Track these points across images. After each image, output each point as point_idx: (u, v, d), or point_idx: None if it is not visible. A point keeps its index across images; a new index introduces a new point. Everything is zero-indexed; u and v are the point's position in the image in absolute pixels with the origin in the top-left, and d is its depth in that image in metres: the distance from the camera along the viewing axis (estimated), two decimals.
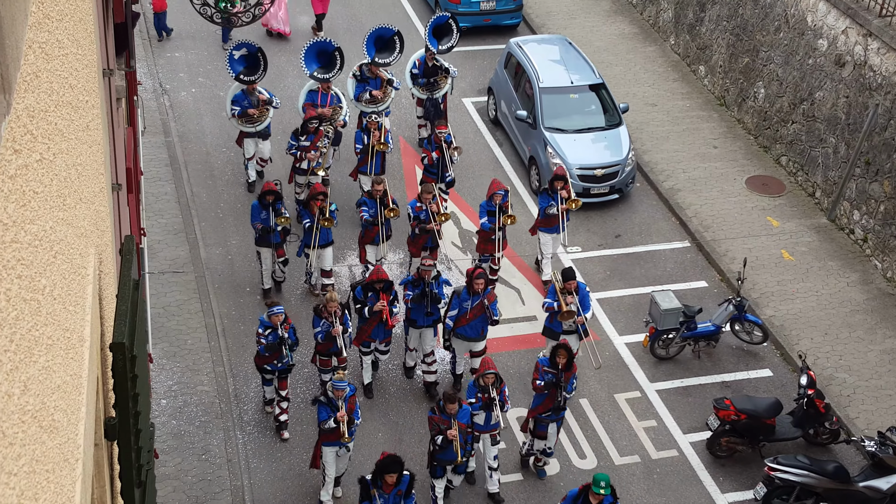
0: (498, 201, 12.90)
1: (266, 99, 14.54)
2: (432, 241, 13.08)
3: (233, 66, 14.37)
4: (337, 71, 14.71)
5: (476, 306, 11.62)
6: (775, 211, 15.71)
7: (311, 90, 14.78)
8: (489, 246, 13.34)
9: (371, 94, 14.95)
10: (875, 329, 13.53)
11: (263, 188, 12.71)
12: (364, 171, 14.26)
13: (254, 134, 14.67)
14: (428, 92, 15.62)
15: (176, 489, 11.05)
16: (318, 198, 12.56)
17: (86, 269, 3.82)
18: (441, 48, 15.67)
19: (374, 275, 11.64)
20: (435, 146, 14.07)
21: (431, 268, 11.70)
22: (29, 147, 2.76)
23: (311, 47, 14.73)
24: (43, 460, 2.70)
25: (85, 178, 4.01)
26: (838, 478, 10.77)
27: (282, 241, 12.94)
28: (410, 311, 11.88)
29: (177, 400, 12.15)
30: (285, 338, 11.08)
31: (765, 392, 12.60)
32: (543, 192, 13.43)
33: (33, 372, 2.64)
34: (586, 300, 11.94)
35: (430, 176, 14.27)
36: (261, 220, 12.66)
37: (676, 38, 19.76)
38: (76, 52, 4.03)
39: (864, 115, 14.68)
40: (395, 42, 15.10)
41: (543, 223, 13.48)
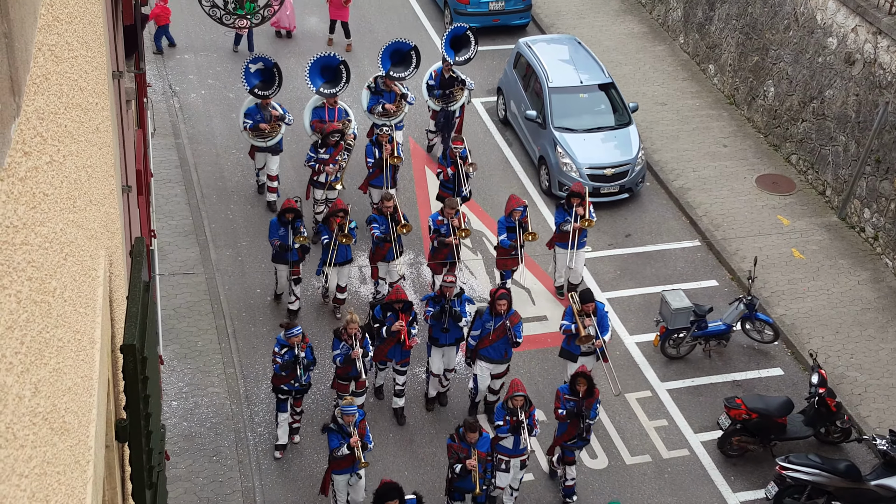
0: (517, 217, 12.67)
1: (279, 115, 14.32)
2: (452, 257, 12.78)
3: (248, 80, 14.17)
4: (343, 85, 14.47)
5: (499, 328, 11.36)
6: (786, 209, 15.64)
7: (317, 106, 14.54)
8: (509, 262, 13.03)
9: (384, 107, 14.77)
10: (886, 327, 13.46)
11: (283, 205, 12.52)
12: (376, 185, 14.05)
13: (264, 149, 14.47)
14: (443, 103, 15.40)
15: (187, 491, 11.07)
16: (339, 214, 12.33)
17: (96, 272, 3.83)
18: (458, 59, 15.46)
19: (394, 294, 11.47)
20: (450, 161, 13.88)
21: (453, 285, 11.47)
22: (39, 149, 2.77)
23: (315, 63, 14.48)
24: (54, 462, 2.71)
25: (95, 181, 4.02)
26: (850, 476, 10.72)
27: (299, 260, 12.69)
28: (431, 328, 11.67)
29: (188, 401, 12.18)
30: (301, 357, 10.89)
31: (776, 391, 12.55)
32: (560, 207, 13.27)
33: (44, 374, 2.65)
34: (605, 321, 11.58)
35: (445, 191, 14.02)
36: (279, 236, 12.45)
37: (686, 37, 19.70)
38: (86, 54, 4.04)
39: (874, 112, 14.60)
40: (412, 57, 14.85)
41: (559, 238, 13.29)
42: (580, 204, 12.92)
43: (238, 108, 17.28)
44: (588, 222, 12.97)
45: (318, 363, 11.72)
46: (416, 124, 17.48)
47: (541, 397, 12.47)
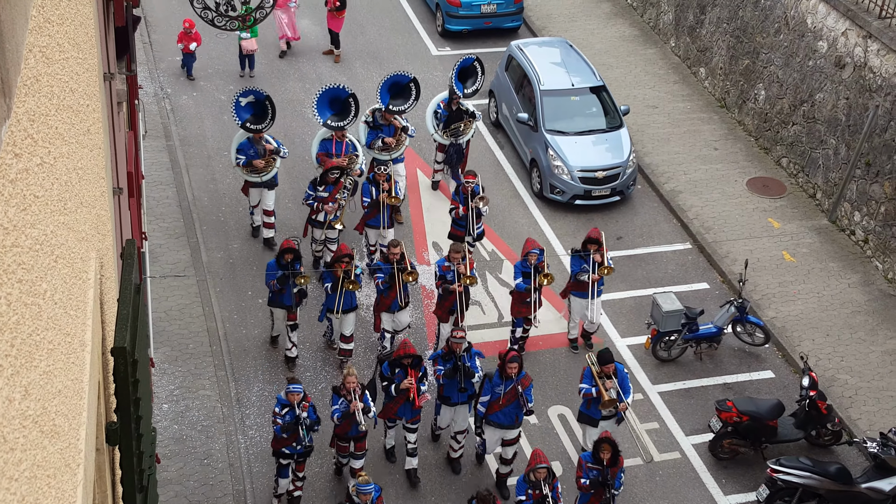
0: (533, 261, 12.00)
1: (273, 148, 13.73)
2: (457, 306, 12.18)
3: (239, 114, 13.58)
4: (352, 118, 13.94)
5: (509, 391, 10.71)
6: (776, 212, 15.70)
7: (325, 139, 13.99)
8: (524, 308, 12.34)
9: (384, 141, 14.21)
10: (876, 330, 13.52)
11: (282, 246, 11.93)
12: (372, 225, 13.49)
13: (259, 184, 13.88)
14: (452, 137, 14.86)
15: (178, 494, 11.03)
16: (343, 260, 11.74)
17: (87, 274, 3.81)
18: (467, 91, 14.90)
19: (402, 349, 10.81)
20: (463, 198, 13.20)
21: (462, 340, 10.89)
22: (30, 151, 2.76)
23: (323, 94, 13.95)
24: (44, 465, 2.70)
25: (86, 182, 4.00)
26: (840, 479, 10.75)
27: (295, 304, 12.13)
28: (443, 387, 11.06)
29: (178, 404, 12.14)
30: (303, 418, 10.29)
31: (767, 394, 12.59)
32: (575, 255, 12.47)
33: (34, 377, 2.63)
34: (626, 382, 10.95)
35: (458, 229, 13.42)
36: (276, 278, 11.83)
37: (677, 41, 19.76)
38: (77, 55, 4.03)
39: (865, 116, 14.68)
40: (411, 89, 14.34)
41: (575, 287, 12.53)
42: (597, 251, 12.20)
43: (229, 111, 17.28)
44: (607, 270, 12.22)
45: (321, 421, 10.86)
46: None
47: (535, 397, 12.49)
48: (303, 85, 18.43)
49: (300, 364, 12.75)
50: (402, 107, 14.28)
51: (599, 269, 12.23)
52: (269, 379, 12.62)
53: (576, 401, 12.54)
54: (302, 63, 19.03)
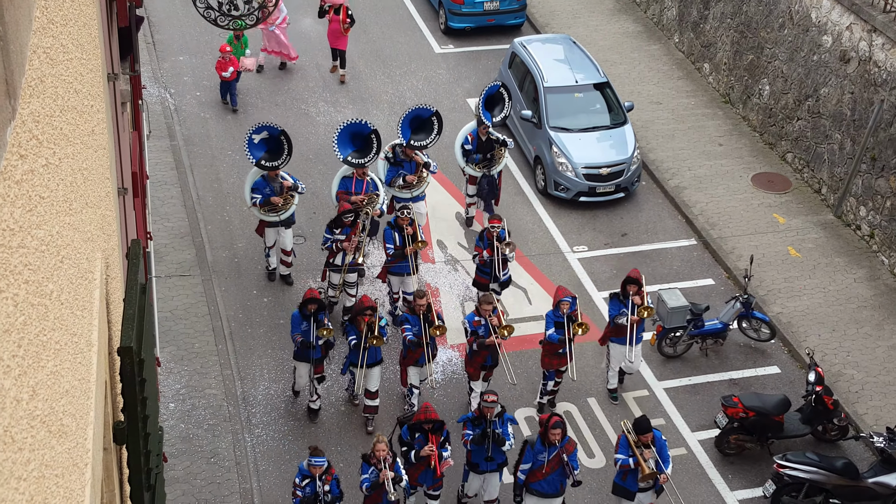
0: (566, 310, 11.32)
1: (291, 185, 13.05)
2: (492, 360, 11.56)
3: (252, 152, 12.85)
4: (374, 155, 13.21)
5: (553, 459, 10.06)
6: (781, 208, 15.67)
7: (345, 176, 13.28)
8: (556, 360, 11.63)
9: (405, 179, 13.57)
10: (883, 325, 13.49)
11: (305, 296, 11.33)
12: (396, 272, 12.76)
13: (276, 223, 13.19)
14: (485, 169, 14.20)
15: (185, 493, 11.06)
16: (366, 312, 11.16)
17: (93, 274, 3.82)
18: (495, 120, 14.22)
19: (423, 414, 10.21)
20: (487, 243, 12.48)
21: (494, 405, 10.23)
22: (35, 152, 2.77)
23: (344, 130, 13.20)
24: (52, 465, 2.71)
25: (91, 183, 4.01)
26: (847, 474, 10.74)
27: (322, 357, 11.55)
28: (471, 453, 10.42)
29: (185, 403, 12.17)
30: (323, 492, 9.71)
31: (773, 389, 12.57)
32: (614, 298, 11.74)
33: (41, 377, 2.64)
34: (664, 451, 10.23)
35: (482, 276, 12.79)
36: (301, 331, 11.25)
37: (680, 36, 19.72)
38: (80, 56, 4.04)
39: (870, 110, 14.64)
40: (433, 123, 13.65)
41: (613, 332, 11.79)
42: (637, 292, 11.50)
43: (231, 111, 17.31)
44: (648, 311, 11.48)
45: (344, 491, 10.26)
46: None
47: (536, 395, 12.49)
48: (304, 108, 18.42)
49: (323, 421, 12.06)
50: (424, 141, 13.61)
51: (639, 310, 11.47)
52: (274, 378, 12.65)
53: (580, 398, 12.55)
54: (303, 83, 19.01)
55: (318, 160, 16.44)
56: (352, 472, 11.11)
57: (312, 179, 16.02)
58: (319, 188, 15.71)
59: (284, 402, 12.33)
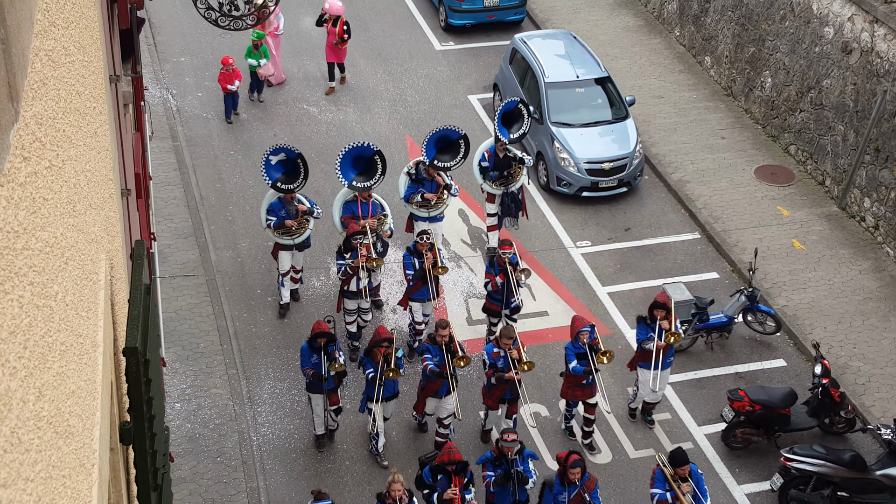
0: (586, 340, 10.96)
1: (307, 209, 12.77)
2: (511, 393, 11.16)
3: (269, 173, 12.51)
4: (379, 177, 12.76)
5: (574, 498, 9.78)
6: (785, 200, 15.64)
7: (349, 200, 12.84)
8: (578, 392, 11.30)
9: (423, 196, 13.17)
10: (888, 316, 13.46)
11: (313, 329, 10.90)
12: (418, 299, 12.31)
13: (291, 246, 12.93)
14: (503, 186, 13.78)
15: (192, 492, 11.09)
16: (383, 344, 10.75)
17: (97, 275, 3.83)
18: (513, 137, 13.76)
19: (446, 455, 9.86)
20: (499, 269, 12.05)
21: (514, 443, 9.90)
22: (38, 154, 2.77)
23: (346, 154, 12.74)
24: (59, 466, 2.71)
25: (94, 184, 4.02)
26: (855, 466, 10.72)
27: (336, 387, 11.19)
28: (493, 495, 10.12)
29: (191, 403, 12.19)
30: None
31: (779, 382, 12.56)
32: (641, 322, 11.45)
33: (48, 378, 2.65)
34: (702, 484, 9.92)
35: (493, 302, 12.38)
36: (311, 365, 10.94)
37: (681, 30, 19.69)
38: (82, 58, 4.04)
39: (873, 101, 14.60)
40: (460, 146, 13.18)
41: (641, 357, 11.54)
42: (665, 317, 11.20)
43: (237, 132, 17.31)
44: (675, 337, 11.18)
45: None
46: (412, 121, 17.48)
47: (543, 392, 12.49)
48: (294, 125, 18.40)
49: (333, 455, 11.61)
50: (448, 163, 13.16)
51: (666, 336, 11.17)
52: (279, 377, 12.67)
53: None
54: (304, 81, 19.00)
55: (321, 158, 16.44)
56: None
57: (315, 177, 16.01)
58: (322, 186, 15.72)
59: (290, 401, 12.35)
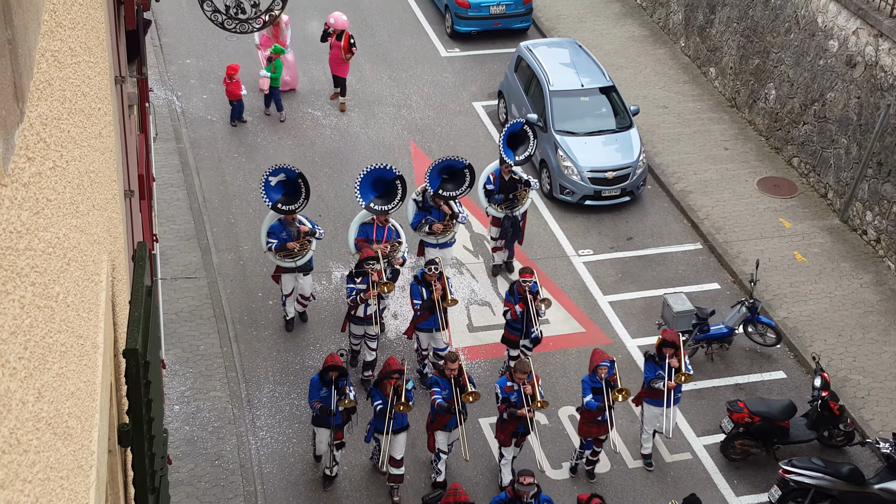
0: (603, 375, 10.68)
1: (308, 230, 12.45)
2: (524, 428, 10.86)
3: (269, 194, 12.18)
4: (398, 202, 12.45)
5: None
6: (787, 212, 15.64)
7: (365, 223, 12.60)
8: (594, 428, 11.02)
9: (432, 227, 12.98)
10: (889, 330, 13.45)
11: (326, 362, 10.60)
12: (424, 328, 12.05)
13: (293, 269, 12.64)
14: (507, 210, 13.54)
15: (189, 495, 11.07)
16: (393, 376, 10.45)
17: (99, 276, 3.83)
18: (518, 159, 13.59)
19: (452, 496, 9.74)
20: (518, 297, 11.75)
21: (531, 487, 9.67)
22: (42, 155, 2.78)
23: (367, 175, 12.43)
24: (57, 467, 2.71)
25: (98, 185, 4.02)
26: (853, 480, 10.70)
27: (343, 423, 10.85)
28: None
29: (190, 405, 12.18)
30: None
31: (779, 394, 12.54)
32: (649, 360, 11.22)
33: (47, 379, 2.65)
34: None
35: (512, 332, 12.10)
36: (320, 398, 10.62)
37: (686, 41, 19.71)
38: (88, 59, 4.05)
39: (876, 115, 14.61)
40: (465, 175, 12.94)
41: (648, 394, 11.29)
42: (674, 355, 10.96)
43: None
44: (686, 377, 10.94)
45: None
46: (417, 127, 17.50)
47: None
48: (299, 141, 18.43)
49: (341, 490, 11.35)
50: (453, 193, 12.94)
51: (676, 375, 10.92)
52: (279, 381, 12.66)
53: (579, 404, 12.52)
54: (308, 86, 19.04)
55: (324, 163, 16.46)
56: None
57: (318, 182, 16.03)
58: (325, 190, 15.74)
59: (289, 405, 12.34)
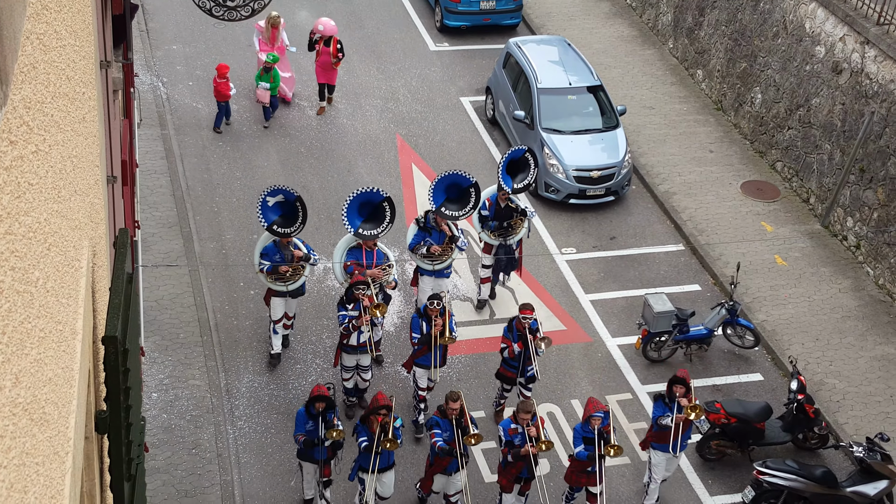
0: (597, 425, 10.20)
1: (303, 255, 12.07)
2: (528, 472, 10.43)
3: (265, 214, 11.79)
4: (387, 225, 11.99)
5: None
6: (769, 216, 15.75)
7: (352, 247, 12.16)
8: (583, 478, 10.59)
9: (430, 249, 12.45)
10: (866, 335, 13.58)
11: (312, 392, 10.22)
12: (422, 364, 11.56)
13: (284, 293, 12.26)
14: (501, 238, 13.08)
15: (165, 483, 11.04)
16: (381, 412, 10.00)
17: (79, 262, 3.81)
18: (516, 187, 13.08)
19: None
20: (517, 335, 11.33)
21: None
22: (25, 138, 2.76)
23: (353, 200, 11.95)
24: (33, 453, 2.70)
25: (80, 170, 4.00)
26: (826, 483, 10.81)
27: (329, 458, 10.44)
28: None
29: (168, 394, 12.13)
30: None
31: (755, 396, 12.64)
32: (658, 399, 10.72)
33: (25, 364, 2.64)
34: None
35: (509, 369, 11.63)
36: (305, 431, 10.22)
37: (675, 42, 19.78)
38: (74, 43, 4.02)
39: (860, 122, 14.73)
40: (470, 194, 12.48)
41: (656, 437, 10.78)
42: (684, 394, 10.50)
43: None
44: (696, 411, 10.36)
45: None
46: (403, 120, 17.48)
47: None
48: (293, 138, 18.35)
49: None
50: (456, 213, 12.48)
51: (686, 409, 10.44)
52: (259, 370, 12.63)
53: (564, 400, 12.58)
54: (297, 76, 18.97)
55: (309, 154, 16.42)
56: None
57: (303, 173, 16.00)
58: (309, 181, 15.70)
59: (268, 395, 12.31)
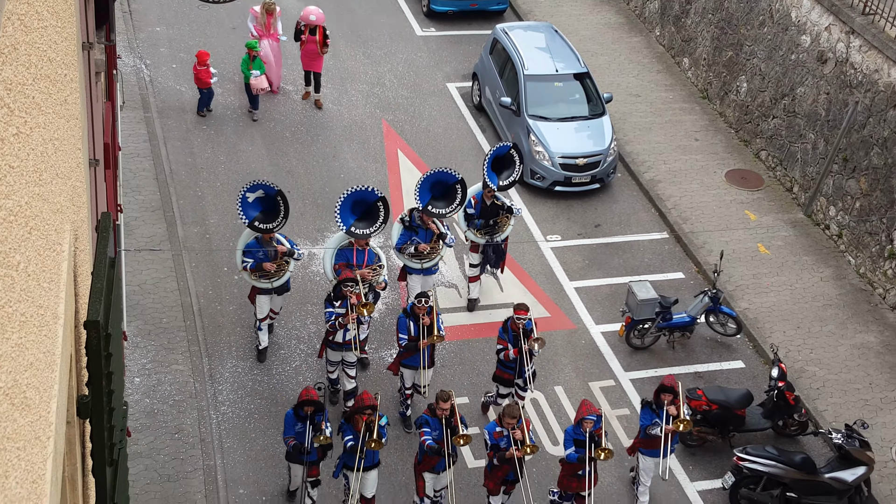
0: (589, 428, 10.12)
1: (286, 250, 11.85)
2: (514, 475, 10.41)
3: (245, 211, 11.60)
4: (381, 224, 11.79)
5: None
6: (753, 205, 15.83)
7: (343, 247, 11.96)
8: (574, 482, 10.52)
9: (417, 248, 12.31)
10: (846, 324, 13.71)
11: (301, 396, 10.13)
12: (409, 365, 11.42)
13: (269, 290, 12.11)
14: (487, 236, 12.98)
15: (148, 467, 11.02)
16: (366, 412, 9.98)
17: (61, 246, 3.78)
18: (502, 184, 12.92)
19: None
20: (512, 335, 11.20)
21: None
22: (5, 121, 2.73)
23: (347, 198, 11.74)
24: (14, 438, 2.68)
25: (62, 153, 3.96)
26: (805, 469, 10.93)
27: (318, 460, 10.38)
28: None
29: (150, 378, 12.10)
30: None
31: (736, 383, 12.75)
32: (646, 407, 10.72)
33: (6, 349, 2.62)
34: None
35: (506, 371, 11.50)
36: (294, 434, 10.17)
37: (662, 30, 19.79)
38: (56, 24, 3.97)
39: (844, 112, 14.81)
40: (456, 191, 12.32)
41: (644, 444, 10.81)
42: (672, 402, 10.50)
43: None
44: (684, 424, 10.40)
45: None
46: (389, 105, 17.42)
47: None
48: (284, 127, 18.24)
49: None
50: (443, 210, 12.31)
51: (675, 422, 10.43)
52: (242, 355, 12.60)
53: (547, 386, 12.64)
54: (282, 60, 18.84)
55: (294, 138, 16.34)
56: None
57: (288, 158, 15.93)
58: (294, 166, 15.63)
59: (251, 381, 12.30)
